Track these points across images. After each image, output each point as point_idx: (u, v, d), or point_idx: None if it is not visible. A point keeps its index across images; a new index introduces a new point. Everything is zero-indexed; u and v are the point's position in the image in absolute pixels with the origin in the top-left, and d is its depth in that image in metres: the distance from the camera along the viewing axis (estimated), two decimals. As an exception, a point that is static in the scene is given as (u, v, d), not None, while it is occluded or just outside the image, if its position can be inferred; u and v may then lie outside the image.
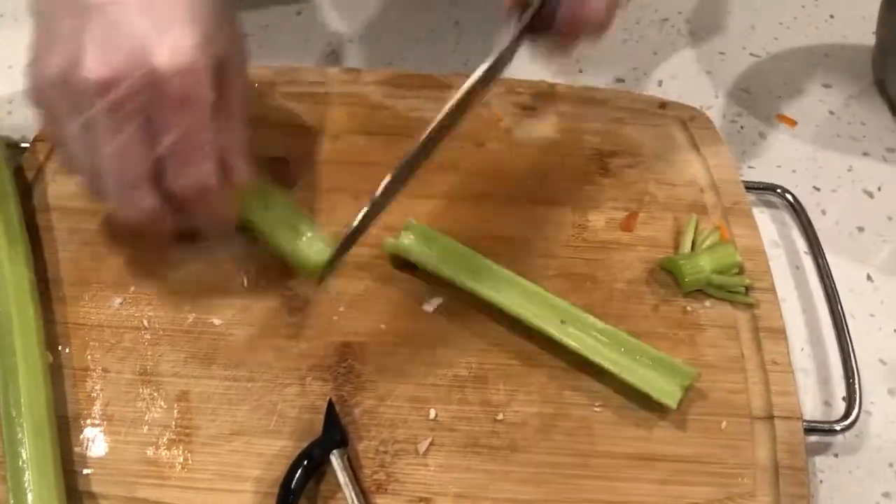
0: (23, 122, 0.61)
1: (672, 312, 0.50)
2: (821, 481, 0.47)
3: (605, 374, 0.47)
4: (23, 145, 0.57)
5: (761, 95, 0.67)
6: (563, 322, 0.47)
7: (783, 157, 0.62)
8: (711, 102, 0.66)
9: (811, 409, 0.49)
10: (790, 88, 0.67)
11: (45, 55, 0.42)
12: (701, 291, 0.51)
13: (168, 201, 0.44)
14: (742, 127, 0.65)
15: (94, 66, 0.40)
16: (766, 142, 0.64)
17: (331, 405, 0.44)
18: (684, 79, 0.68)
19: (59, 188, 0.54)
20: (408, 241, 0.50)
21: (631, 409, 0.46)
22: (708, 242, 0.52)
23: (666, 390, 0.45)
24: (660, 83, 0.67)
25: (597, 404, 0.46)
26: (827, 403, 0.50)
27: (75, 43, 0.40)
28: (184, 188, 0.43)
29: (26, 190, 0.54)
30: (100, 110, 0.40)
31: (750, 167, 0.62)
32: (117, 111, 0.40)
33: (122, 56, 0.40)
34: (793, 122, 0.65)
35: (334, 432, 0.43)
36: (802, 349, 0.52)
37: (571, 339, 0.47)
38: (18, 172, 0.54)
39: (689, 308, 0.50)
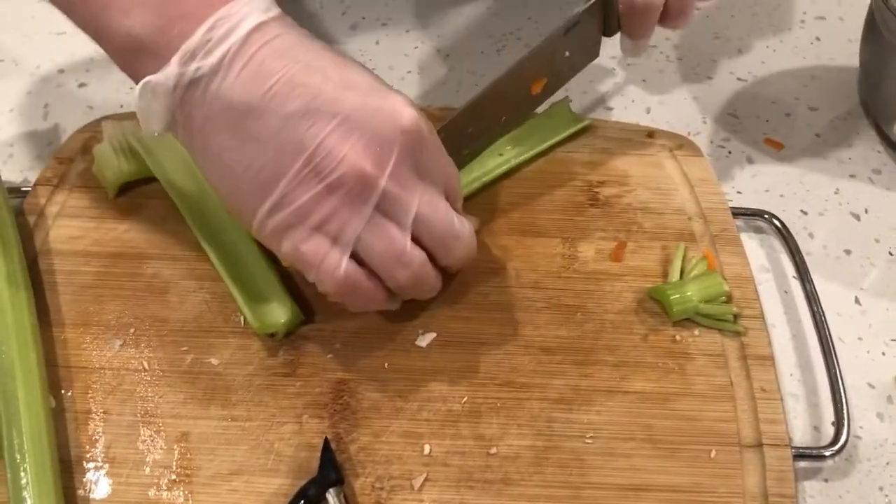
0: (25, 164, 0.63)
1: (661, 342, 0.51)
2: (811, 507, 0.48)
3: (596, 404, 0.48)
4: (24, 189, 0.58)
5: (748, 119, 0.68)
6: None
7: (771, 181, 0.63)
8: (699, 128, 0.67)
9: (801, 434, 0.50)
10: (777, 112, 0.68)
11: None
12: (689, 320, 0.52)
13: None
14: (730, 152, 0.66)
15: (354, 155, 0.40)
16: (754, 166, 0.65)
17: (326, 444, 0.45)
18: (672, 105, 0.69)
19: (60, 231, 0.55)
20: None
21: (622, 438, 0.47)
22: (695, 271, 0.53)
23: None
24: (648, 110, 0.68)
25: (588, 435, 0.47)
26: (816, 428, 0.50)
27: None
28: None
29: (28, 234, 0.55)
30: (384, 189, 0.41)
31: (738, 192, 0.63)
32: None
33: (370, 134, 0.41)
34: (780, 146, 0.66)
35: (330, 471, 0.44)
36: (791, 374, 0.53)
37: None
38: (20, 216, 0.56)
39: (678, 337, 0.51)
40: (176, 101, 0.41)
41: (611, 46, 0.59)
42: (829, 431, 0.50)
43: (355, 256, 0.43)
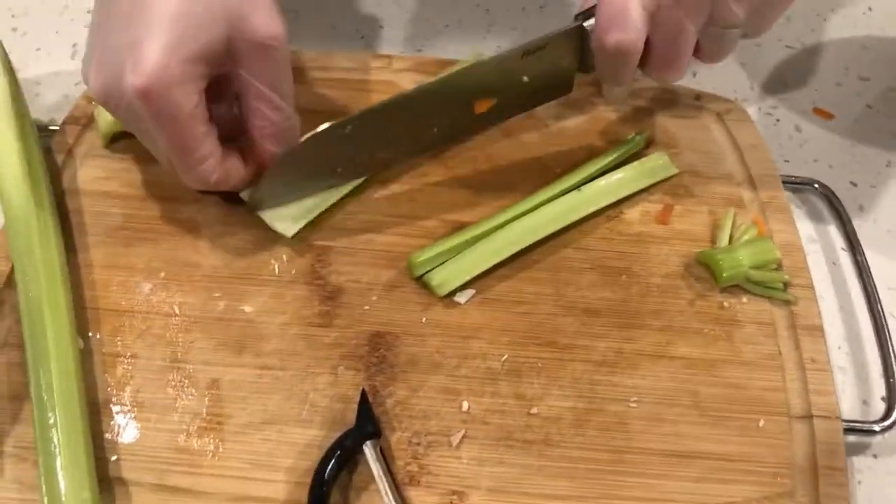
0: (52, 103, 0.61)
1: (708, 308, 0.49)
2: (859, 482, 0.46)
3: (641, 368, 0.46)
4: (52, 128, 0.57)
5: (797, 88, 0.66)
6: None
7: (820, 152, 0.61)
8: (747, 94, 0.65)
9: (849, 408, 0.49)
10: (827, 81, 0.66)
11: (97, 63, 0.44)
12: (738, 287, 0.50)
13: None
14: (778, 120, 0.63)
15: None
16: (802, 135, 0.62)
17: (364, 396, 0.43)
18: (719, 70, 0.66)
19: (89, 172, 0.54)
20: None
21: (667, 404, 0.45)
22: (746, 237, 0.51)
23: None
24: (694, 74, 0.66)
25: (632, 399, 0.46)
26: (865, 403, 0.49)
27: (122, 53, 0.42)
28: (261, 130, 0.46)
29: (55, 173, 0.53)
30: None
31: (786, 161, 0.61)
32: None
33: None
34: (830, 116, 0.64)
35: (367, 423, 0.42)
36: (840, 347, 0.51)
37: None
38: (48, 155, 0.54)
39: (725, 304, 0.50)
40: None
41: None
42: (879, 407, 0.48)
43: None
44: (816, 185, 0.57)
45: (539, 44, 0.49)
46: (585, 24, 0.49)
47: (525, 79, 0.51)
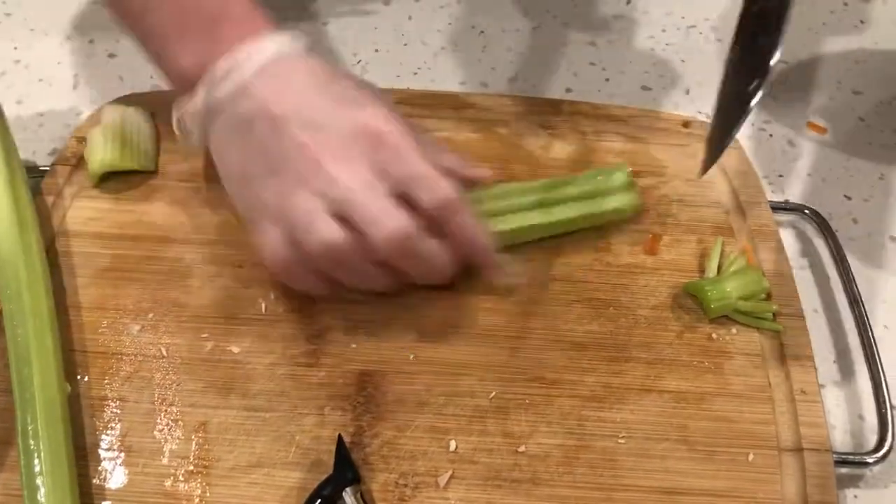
0: (54, 135, 0.61)
1: (697, 339, 0.49)
2: (852, 515, 0.46)
3: (629, 403, 0.46)
4: (42, 168, 0.57)
5: (790, 103, 0.65)
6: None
7: (813, 166, 0.61)
8: None
9: (840, 438, 0.48)
10: (819, 95, 0.66)
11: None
12: (727, 318, 0.50)
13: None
14: (771, 135, 0.63)
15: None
16: (796, 150, 0.62)
17: (340, 441, 0.43)
18: (712, 86, 0.64)
19: (78, 213, 0.54)
20: None
21: (656, 439, 0.45)
22: (734, 267, 0.51)
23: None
24: (687, 91, 0.66)
25: (621, 435, 0.45)
26: (856, 434, 0.48)
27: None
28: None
29: (45, 215, 0.54)
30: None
31: (779, 176, 0.60)
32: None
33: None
34: (823, 130, 0.64)
35: (346, 469, 0.42)
36: (830, 375, 0.51)
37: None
38: (37, 196, 0.54)
39: (714, 335, 0.49)
40: (204, 119, 0.48)
41: (651, 25, 0.56)
42: (871, 438, 0.48)
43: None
44: (807, 211, 0.57)
45: None
46: None
47: None
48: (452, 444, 0.45)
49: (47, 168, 0.56)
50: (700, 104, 0.64)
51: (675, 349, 0.49)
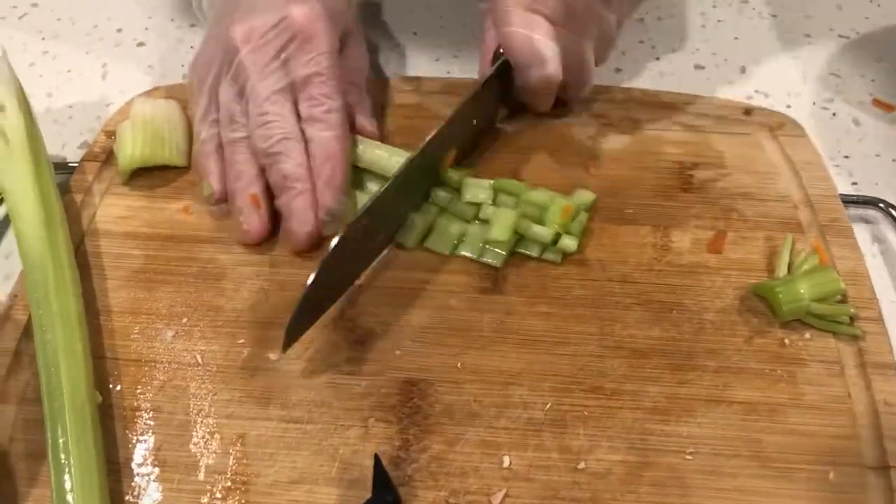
0: (83, 127, 0.59)
1: (768, 345, 0.46)
2: (942, 538, 0.42)
3: (696, 415, 0.43)
4: (70, 164, 0.55)
5: (853, 79, 0.61)
6: None
7: (881, 145, 0.57)
8: (799, 89, 0.61)
9: (927, 453, 0.44)
10: (884, 71, 0.62)
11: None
12: (799, 321, 0.46)
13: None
14: (834, 114, 0.59)
15: (239, 28, 0.48)
16: (861, 129, 0.58)
17: (378, 462, 0.40)
18: (769, 64, 0.62)
19: (108, 210, 0.52)
20: None
21: (726, 455, 0.42)
22: (806, 266, 0.47)
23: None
24: (742, 69, 0.62)
25: (688, 451, 0.42)
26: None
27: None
28: (318, 135, 0.48)
29: (75, 213, 0.51)
30: (244, 55, 0.48)
31: (845, 157, 0.56)
32: (256, 53, 0.48)
33: (261, 17, 0.48)
34: (890, 107, 0.59)
35: (385, 492, 0.39)
36: (914, 384, 0.47)
37: None
38: (66, 195, 0.52)
39: (786, 340, 0.46)
40: None
41: (701, 1, 0.53)
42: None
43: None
44: (881, 205, 0.53)
45: (480, 85, 0.51)
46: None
47: (474, 122, 0.53)
48: (506, 460, 0.42)
49: (77, 164, 0.54)
50: (757, 82, 0.60)
51: (745, 356, 0.45)
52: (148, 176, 0.53)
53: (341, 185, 0.48)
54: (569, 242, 0.48)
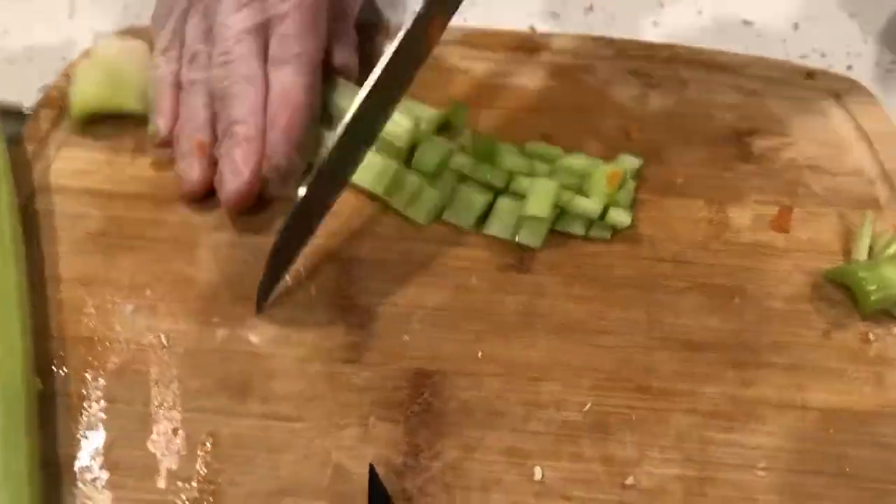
0: (44, 69, 0.51)
1: (849, 340, 0.38)
2: None
3: (766, 422, 0.35)
4: (24, 111, 0.47)
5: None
6: None
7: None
8: (860, 49, 0.54)
9: None
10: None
11: None
12: (885, 313, 0.39)
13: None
14: (900, 75, 0.52)
15: None
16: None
17: (373, 473, 0.33)
18: (825, 20, 0.55)
19: (65, 164, 0.44)
20: None
21: (805, 472, 0.34)
22: (891, 249, 0.40)
23: None
24: (795, 26, 0.54)
25: (760, 466, 0.34)
26: None
27: None
28: (290, 66, 0.41)
29: (24, 165, 0.44)
30: None
31: None
32: None
33: None
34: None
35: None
36: None
37: None
38: (16, 144, 0.44)
39: (871, 335, 0.38)
40: None
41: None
42: None
43: None
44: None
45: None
46: None
47: None
48: (537, 472, 0.34)
49: (29, 112, 0.46)
50: (813, 41, 0.53)
51: (821, 353, 0.38)
52: (113, 124, 0.45)
53: (296, 140, 0.40)
54: (621, 216, 0.41)
